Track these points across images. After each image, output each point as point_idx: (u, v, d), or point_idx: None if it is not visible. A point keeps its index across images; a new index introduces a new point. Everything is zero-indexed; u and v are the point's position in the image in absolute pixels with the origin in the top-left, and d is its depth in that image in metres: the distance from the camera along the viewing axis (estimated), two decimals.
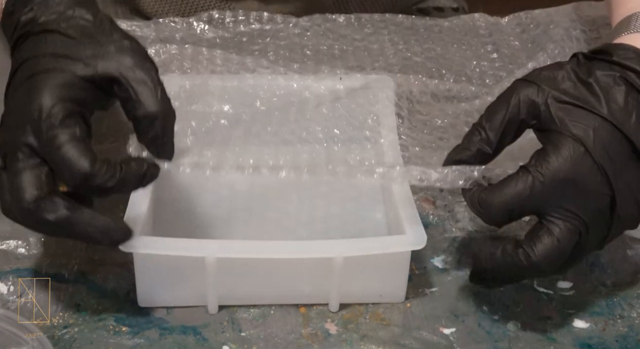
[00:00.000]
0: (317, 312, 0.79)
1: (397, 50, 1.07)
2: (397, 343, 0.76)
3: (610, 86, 0.74)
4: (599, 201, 0.72)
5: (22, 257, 0.82)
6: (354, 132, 0.91)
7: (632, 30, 0.81)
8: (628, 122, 0.73)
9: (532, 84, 0.75)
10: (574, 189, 0.71)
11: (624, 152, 0.73)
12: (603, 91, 0.74)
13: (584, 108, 0.73)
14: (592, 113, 0.73)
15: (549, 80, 0.75)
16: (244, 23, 1.11)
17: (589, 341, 0.77)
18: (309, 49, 1.07)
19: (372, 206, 0.82)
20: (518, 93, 0.75)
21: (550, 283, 0.82)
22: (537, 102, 0.74)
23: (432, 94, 0.99)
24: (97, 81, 0.73)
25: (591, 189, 0.71)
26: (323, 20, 1.12)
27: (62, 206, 0.69)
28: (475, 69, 1.05)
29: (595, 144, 0.72)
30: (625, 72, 0.74)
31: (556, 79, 0.75)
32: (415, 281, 0.81)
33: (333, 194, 0.86)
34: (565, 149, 0.72)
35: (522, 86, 0.76)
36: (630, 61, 0.75)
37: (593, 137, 0.72)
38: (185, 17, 1.09)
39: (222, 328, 0.77)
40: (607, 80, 0.74)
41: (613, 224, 0.73)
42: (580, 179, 0.71)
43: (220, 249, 0.75)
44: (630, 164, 0.73)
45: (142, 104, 0.73)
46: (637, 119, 0.73)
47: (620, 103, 0.73)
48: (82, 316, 0.77)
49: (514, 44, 1.10)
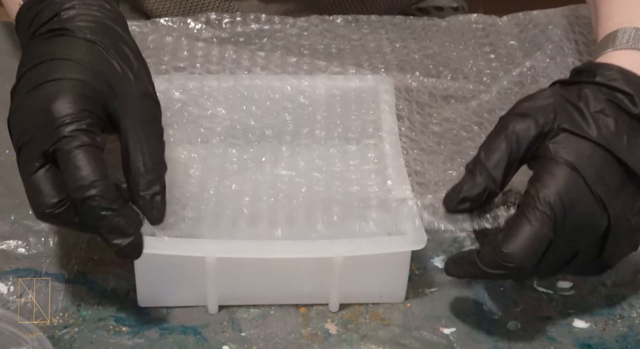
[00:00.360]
0: (317, 312, 0.79)
1: (394, 49, 1.07)
2: (397, 343, 0.76)
3: (599, 110, 0.74)
4: (594, 226, 0.72)
5: (22, 257, 0.82)
6: (355, 133, 0.91)
7: (617, 47, 0.80)
8: (620, 146, 0.73)
9: (527, 117, 0.75)
10: (575, 215, 0.71)
11: (617, 176, 0.73)
12: (593, 115, 0.73)
13: (576, 134, 0.73)
14: (584, 138, 0.73)
15: (542, 111, 0.75)
16: (242, 24, 1.11)
17: (589, 341, 0.77)
18: (306, 48, 1.07)
19: (371, 205, 0.82)
20: (514, 129, 0.75)
21: (550, 283, 0.82)
22: (535, 136, 0.74)
23: (430, 93, 0.99)
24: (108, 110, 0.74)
25: (588, 214, 0.72)
26: (320, 20, 1.12)
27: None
28: (472, 68, 1.05)
29: (589, 170, 0.72)
30: (612, 93, 0.74)
31: (547, 109, 0.75)
32: (415, 281, 0.81)
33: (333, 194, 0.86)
34: (562, 176, 0.72)
35: (516, 121, 0.75)
36: (617, 82, 0.74)
37: (586, 163, 0.72)
38: (184, 17, 1.09)
39: (222, 328, 0.77)
40: (595, 103, 0.74)
41: (607, 246, 0.73)
42: (578, 206, 0.71)
43: (220, 249, 0.75)
44: (624, 188, 0.73)
45: (135, 163, 0.74)
46: (628, 142, 0.73)
47: (611, 127, 0.73)
48: (82, 316, 0.77)
49: (512, 43, 1.10)
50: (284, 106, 0.92)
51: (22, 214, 0.85)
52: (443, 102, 0.99)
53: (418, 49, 1.07)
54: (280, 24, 1.11)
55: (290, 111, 0.91)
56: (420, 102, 0.98)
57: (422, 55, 1.06)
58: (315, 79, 0.93)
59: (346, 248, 0.76)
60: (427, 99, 0.99)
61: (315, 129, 0.91)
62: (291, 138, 0.91)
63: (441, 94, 0.99)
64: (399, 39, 1.09)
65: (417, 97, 0.99)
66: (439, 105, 0.98)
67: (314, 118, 0.91)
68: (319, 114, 0.91)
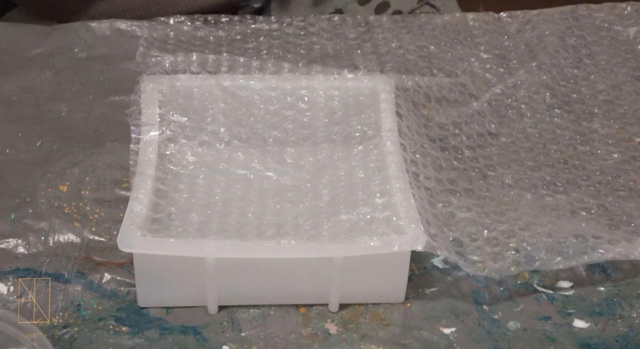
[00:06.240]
0: (317, 312, 0.79)
1: (390, 49, 1.07)
2: (397, 343, 0.76)
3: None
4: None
5: (22, 257, 0.82)
6: (355, 133, 0.91)
7: None
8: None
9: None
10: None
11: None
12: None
13: None
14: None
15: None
16: (238, 23, 1.11)
17: (589, 341, 0.77)
18: (302, 48, 1.07)
19: (372, 206, 0.82)
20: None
21: (550, 283, 0.82)
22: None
23: (425, 94, 0.99)
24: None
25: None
26: (316, 20, 1.12)
27: None
28: (467, 69, 1.05)
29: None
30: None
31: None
32: (415, 281, 0.81)
33: (334, 194, 0.86)
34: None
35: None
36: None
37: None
38: (181, 16, 1.09)
39: (222, 328, 0.77)
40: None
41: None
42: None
43: (219, 249, 0.75)
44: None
45: None
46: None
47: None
48: (82, 316, 0.77)
49: (507, 44, 1.10)
50: (285, 102, 0.92)
51: (22, 214, 0.85)
52: (436, 103, 0.99)
53: (414, 49, 1.07)
54: (277, 24, 1.11)
55: (290, 117, 0.92)
56: (416, 103, 0.98)
57: (417, 56, 1.06)
58: (315, 81, 0.93)
59: (346, 248, 0.76)
60: (422, 99, 0.99)
61: (316, 132, 0.91)
62: (293, 142, 0.91)
63: (435, 95, 0.99)
64: (394, 39, 1.09)
65: (413, 97, 0.99)
66: (433, 106, 0.98)
67: (314, 121, 0.91)
68: (320, 117, 0.91)
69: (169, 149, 0.87)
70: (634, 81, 1.04)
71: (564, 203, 0.87)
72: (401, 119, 0.90)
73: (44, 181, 0.89)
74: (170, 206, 0.82)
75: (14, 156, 0.92)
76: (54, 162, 0.91)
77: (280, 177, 0.88)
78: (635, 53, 1.08)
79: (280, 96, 0.92)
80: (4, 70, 1.04)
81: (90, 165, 0.91)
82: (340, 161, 0.89)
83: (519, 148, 0.95)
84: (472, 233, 0.82)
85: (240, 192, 0.86)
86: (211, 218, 0.82)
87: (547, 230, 0.82)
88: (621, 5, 1.13)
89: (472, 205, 0.85)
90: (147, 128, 0.86)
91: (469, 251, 0.80)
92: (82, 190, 0.88)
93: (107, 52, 1.08)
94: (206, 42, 1.08)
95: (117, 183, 0.89)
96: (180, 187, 0.85)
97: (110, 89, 1.02)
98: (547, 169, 0.92)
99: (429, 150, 0.91)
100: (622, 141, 0.96)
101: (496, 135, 0.97)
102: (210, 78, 0.93)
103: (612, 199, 0.88)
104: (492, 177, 0.91)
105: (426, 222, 0.79)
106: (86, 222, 0.85)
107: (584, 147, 0.95)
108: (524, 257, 0.79)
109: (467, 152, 0.94)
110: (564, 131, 0.97)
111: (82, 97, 1.01)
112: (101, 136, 0.95)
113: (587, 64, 1.06)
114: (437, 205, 0.84)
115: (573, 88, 1.03)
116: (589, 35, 1.09)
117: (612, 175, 0.92)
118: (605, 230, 0.83)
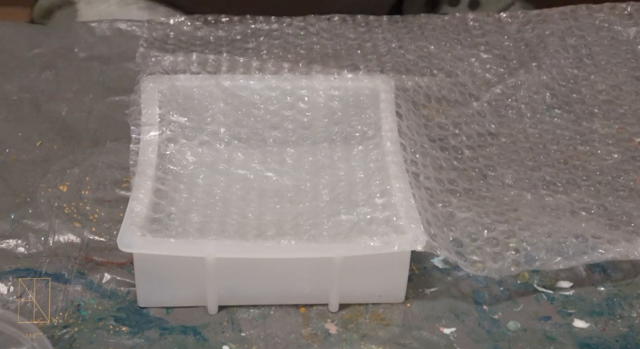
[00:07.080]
0: (317, 312, 0.79)
1: (390, 49, 1.07)
2: (397, 343, 0.76)
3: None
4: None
5: (22, 257, 0.82)
6: (355, 133, 0.91)
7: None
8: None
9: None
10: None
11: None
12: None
13: None
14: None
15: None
16: (238, 23, 1.11)
17: (589, 341, 0.77)
18: (302, 48, 1.07)
19: (372, 206, 0.82)
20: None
21: (550, 282, 0.82)
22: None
23: (425, 94, 0.99)
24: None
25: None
26: (317, 19, 1.12)
27: None
28: (467, 69, 1.05)
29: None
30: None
31: None
32: (415, 281, 0.81)
33: (334, 194, 0.86)
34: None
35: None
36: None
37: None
38: (181, 16, 1.10)
39: (222, 328, 0.77)
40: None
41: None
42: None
43: (219, 249, 0.75)
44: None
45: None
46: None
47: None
48: (82, 316, 0.77)
49: (507, 44, 1.10)
50: (285, 102, 0.92)
51: (22, 214, 0.85)
52: (436, 104, 0.99)
53: (414, 49, 1.07)
54: (277, 24, 1.11)
55: (290, 117, 0.92)
56: (416, 103, 0.98)
57: (417, 56, 1.06)
58: (315, 81, 0.93)
59: (346, 248, 0.76)
60: (422, 99, 0.99)
61: (316, 132, 0.91)
62: (293, 142, 0.91)
63: (435, 95, 0.99)
64: (394, 39, 1.09)
65: (413, 97, 0.99)
66: (433, 106, 0.98)
67: (314, 121, 0.91)
68: (320, 117, 0.91)
69: (168, 149, 0.87)
70: (634, 81, 1.04)
71: (564, 203, 0.87)
72: (401, 119, 0.90)
73: (44, 181, 0.89)
74: (170, 206, 0.82)
75: (14, 156, 0.92)
76: (54, 162, 0.91)
77: (280, 177, 0.88)
78: (635, 53, 1.08)
79: (280, 96, 0.92)
80: (4, 70, 1.04)
81: (90, 165, 0.91)
82: (340, 161, 0.89)
83: (519, 148, 0.95)
84: (472, 233, 0.82)
85: (240, 193, 0.86)
86: (211, 218, 0.82)
87: (547, 230, 0.82)
88: (621, 6, 1.13)
89: (472, 205, 0.85)
90: (147, 128, 0.86)
91: (469, 251, 0.80)
92: (82, 190, 0.88)
93: (107, 52, 1.08)
94: (206, 42, 1.08)
95: (117, 183, 0.89)
96: (180, 187, 0.85)
97: (110, 89, 1.02)
98: (547, 169, 0.92)
99: (429, 150, 0.91)
100: (622, 141, 0.96)
101: (496, 135, 0.97)
102: (210, 78, 0.92)
103: (612, 199, 0.88)
104: (492, 177, 0.91)
105: (426, 222, 0.79)
106: (86, 222, 0.85)
107: (584, 147, 0.95)
108: (524, 257, 0.79)
109: (467, 152, 0.94)
110: (564, 131, 0.97)
111: (82, 97, 1.01)
112: (101, 136, 0.95)
113: (587, 64, 1.06)
114: (437, 205, 0.84)
115: (573, 88, 1.03)
116: (589, 36, 1.09)
117: (612, 175, 0.92)
118: (605, 230, 0.83)
